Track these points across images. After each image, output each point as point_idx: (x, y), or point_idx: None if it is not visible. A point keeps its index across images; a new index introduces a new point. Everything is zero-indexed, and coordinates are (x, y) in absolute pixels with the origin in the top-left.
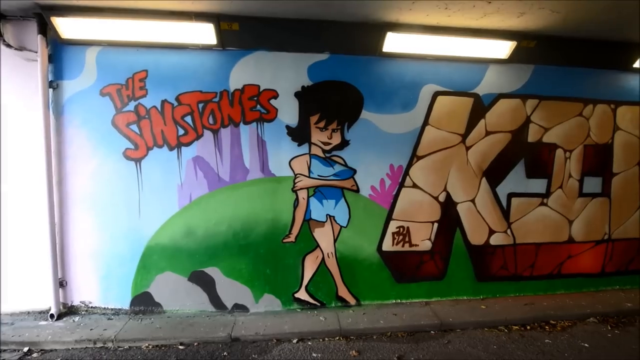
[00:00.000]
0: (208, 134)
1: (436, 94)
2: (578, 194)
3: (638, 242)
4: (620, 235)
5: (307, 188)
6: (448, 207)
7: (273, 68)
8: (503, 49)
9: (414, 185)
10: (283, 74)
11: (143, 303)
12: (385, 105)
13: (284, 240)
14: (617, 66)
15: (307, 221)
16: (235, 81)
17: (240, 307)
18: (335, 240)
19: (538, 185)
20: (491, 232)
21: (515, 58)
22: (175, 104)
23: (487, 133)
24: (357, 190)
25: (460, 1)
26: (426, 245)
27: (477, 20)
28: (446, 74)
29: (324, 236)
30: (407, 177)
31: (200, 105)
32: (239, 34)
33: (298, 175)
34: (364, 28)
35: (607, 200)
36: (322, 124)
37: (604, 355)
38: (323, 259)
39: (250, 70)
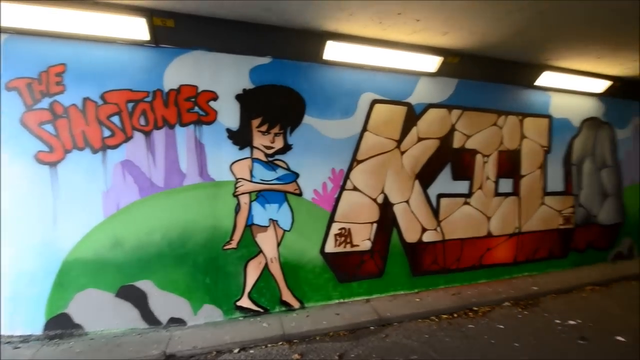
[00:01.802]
0: (139, 136)
1: (374, 102)
2: (494, 193)
3: (541, 234)
4: (527, 228)
5: (249, 193)
6: (385, 208)
7: (213, 69)
8: (432, 63)
9: (354, 188)
10: (223, 76)
11: (60, 326)
12: (327, 111)
13: (225, 247)
14: (523, 83)
15: (250, 226)
16: (171, 80)
17: (176, 321)
18: (278, 245)
19: (462, 186)
20: (424, 230)
21: (442, 72)
22: (100, 102)
23: (419, 139)
24: (300, 194)
25: (393, 17)
26: (366, 245)
27: (409, 35)
28: (383, 84)
29: (267, 241)
30: (348, 180)
31: (130, 105)
32: (175, 31)
33: (239, 180)
34: (305, 35)
35: (517, 199)
36: (264, 128)
37: (515, 334)
38: (266, 264)
39: (188, 69)
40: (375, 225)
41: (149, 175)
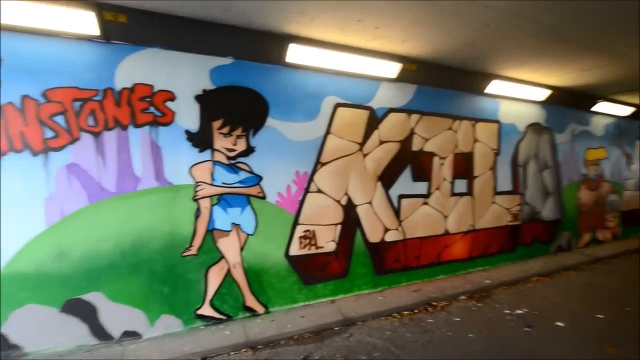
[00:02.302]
0: (87, 138)
1: (337, 106)
2: (450, 193)
3: (493, 230)
4: (481, 225)
5: (210, 196)
6: (349, 209)
7: (170, 68)
8: (392, 69)
9: (319, 191)
10: (181, 75)
11: None
12: (290, 113)
13: (185, 254)
14: (475, 91)
15: (211, 231)
16: (123, 79)
17: (131, 334)
18: (241, 249)
19: (421, 187)
20: (386, 230)
21: (402, 78)
22: (42, 100)
23: (381, 142)
24: (264, 197)
25: (353, 24)
26: (331, 247)
27: (369, 42)
28: (345, 88)
29: (229, 246)
30: (312, 182)
31: (77, 104)
32: (128, 27)
33: (199, 183)
34: (268, 37)
35: (471, 198)
36: (226, 130)
37: (470, 326)
38: (229, 269)
39: (142, 68)
40: (339, 226)
41: (99, 180)
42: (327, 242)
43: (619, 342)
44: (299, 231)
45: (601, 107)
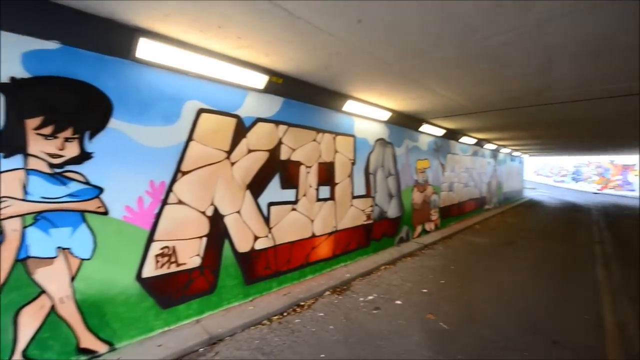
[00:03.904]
0: None
1: (200, 111)
2: (316, 199)
3: (352, 230)
4: (342, 226)
5: (21, 215)
6: (216, 220)
7: None
8: (260, 80)
9: (180, 202)
10: None
11: None
12: (142, 115)
13: None
14: (335, 107)
15: (23, 261)
16: None
17: None
18: (72, 279)
19: (289, 194)
20: (256, 238)
21: (269, 89)
22: None
23: (249, 151)
24: (106, 212)
25: (213, 29)
26: (195, 262)
27: (233, 50)
28: (210, 94)
29: (53, 277)
30: (171, 193)
31: None
32: None
33: (4, 199)
34: (111, 25)
35: (333, 203)
36: (47, 131)
37: (332, 318)
38: (53, 307)
39: None
40: (205, 239)
41: None
42: (191, 257)
43: (435, 309)
44: (155, 249)
45: (425, 128)
